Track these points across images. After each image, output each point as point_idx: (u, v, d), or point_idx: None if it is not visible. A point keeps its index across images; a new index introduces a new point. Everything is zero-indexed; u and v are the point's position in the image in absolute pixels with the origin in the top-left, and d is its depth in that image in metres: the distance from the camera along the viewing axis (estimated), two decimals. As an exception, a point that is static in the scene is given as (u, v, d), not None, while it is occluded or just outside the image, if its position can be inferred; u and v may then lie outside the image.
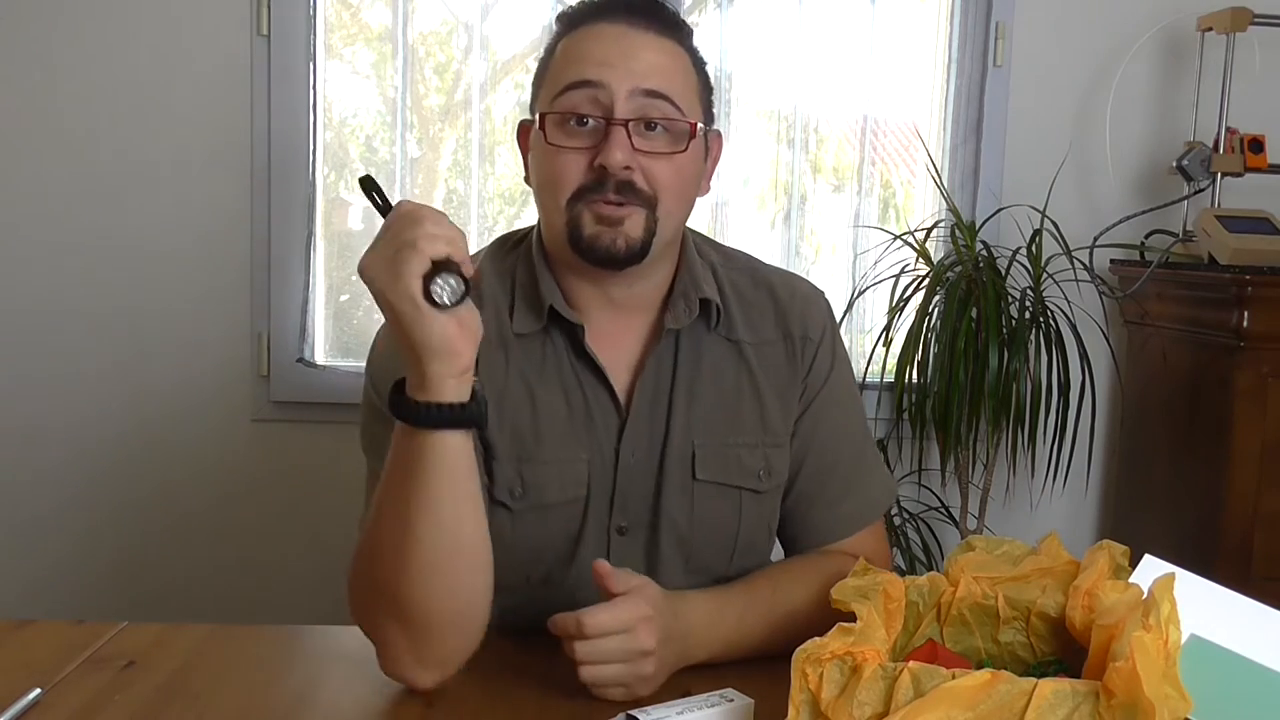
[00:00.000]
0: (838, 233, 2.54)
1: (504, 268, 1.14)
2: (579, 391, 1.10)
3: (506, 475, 1.08)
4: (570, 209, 1.04)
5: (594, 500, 1.10)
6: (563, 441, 1.09)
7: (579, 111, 1.03)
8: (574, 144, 1.04)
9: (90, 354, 2.38)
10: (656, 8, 1.08)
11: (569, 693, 0.95)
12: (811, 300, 1.19)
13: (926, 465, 2.42)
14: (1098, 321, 2.36)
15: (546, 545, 1.10)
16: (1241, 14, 2.23)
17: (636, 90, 1.03)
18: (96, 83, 2.33)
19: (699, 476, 1.11)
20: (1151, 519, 2.36)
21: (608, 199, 1.02)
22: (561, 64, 1.06)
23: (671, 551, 1.11)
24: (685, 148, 1.05)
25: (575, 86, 1.03)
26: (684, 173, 1.06)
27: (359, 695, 0.95)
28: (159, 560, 2.42)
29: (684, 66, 1.08)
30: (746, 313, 1.16)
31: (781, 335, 1.16)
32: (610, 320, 1.11)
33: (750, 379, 1.14)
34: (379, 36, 2.45)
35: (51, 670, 0.99)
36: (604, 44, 1.04)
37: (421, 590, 0.92)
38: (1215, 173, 2.29)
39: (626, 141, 1.02)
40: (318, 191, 2.41)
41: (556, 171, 1.04)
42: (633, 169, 1.02)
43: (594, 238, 1.03)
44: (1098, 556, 0.86)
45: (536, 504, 1.09)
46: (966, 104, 2.47)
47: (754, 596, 1.06)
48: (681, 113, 1.05)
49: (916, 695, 0.69)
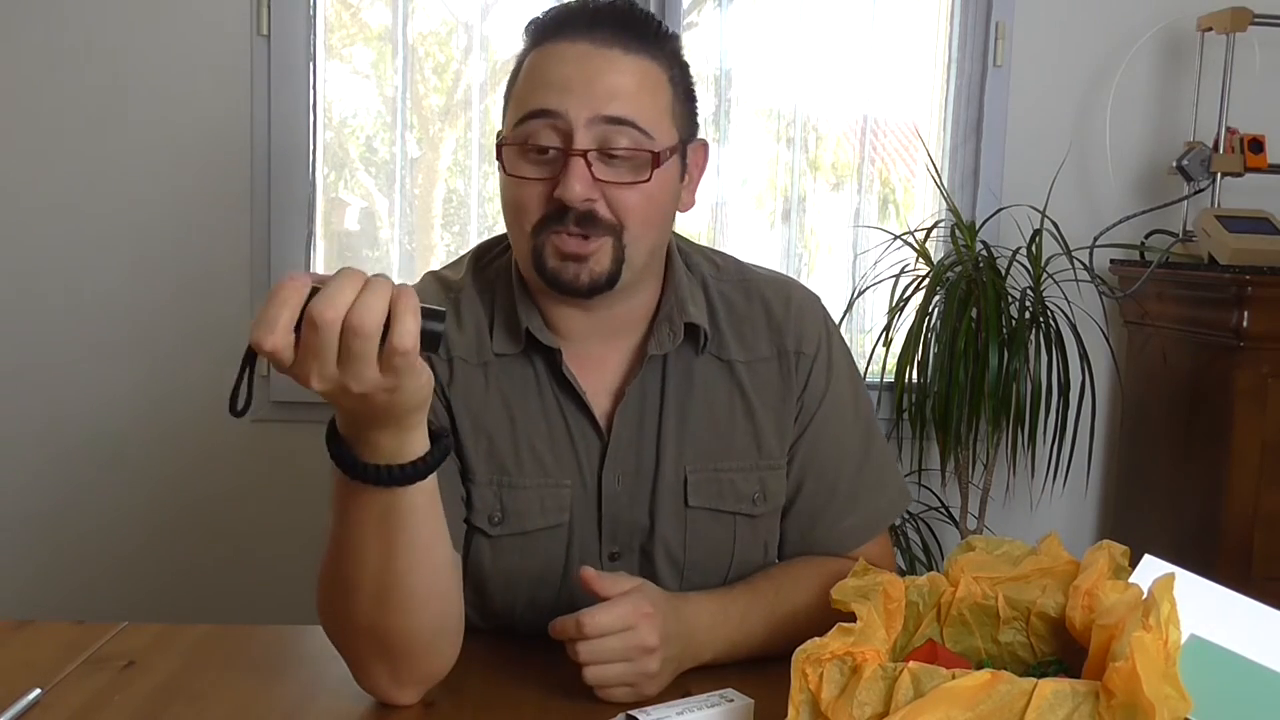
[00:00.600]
0: (837, 233, 2.54)
1: (484, 283, 1.11)
2: (559, 416, 1.07)
3: (486, 500, 1.06)
4: (534, 238, 1.01)
5: (579, 526, 1.08)
6: (543, 466, 1.06)
7: (537, 142, 0.99)
8: (534, 174, 1.00)
9: (90, 353, 2.38)
10: (626, 20, 1.02)
11: (569, 693, 0.95)
12: (806, 310, 1.15)
13: (926, 465, 2.42)
14: (1098, 322, 2.36)
15: (531, 572, 1.08)
16: (1241, 14, 2.23)
17: (596, 118, 0.98)
18: (96, 82, 2.33)
19: (691, 503, 1.09)
20: (1151, 519, 2.36)
21: (570, 231, 0.99)
22: (524, 87, 1.02)
23: (666, 576, 1.09)
24: (649, 177, 1.00)
25: (534, 115, 0.99)
26: (653, 199, 1.01)
27: (359, 695, 0.95)
28: (159, 560, 2.42)
29: (653, 84, 1.01)
30: (739, 329, 1.12)
31: (776, 352, 1.12)
32: (592, 343, 1.08)
33: (744, 400, 1.10)
34: (379, 36, 2.45)
35: (51, 670, 0.99)
36: (564, 66, 0.99)
37: (400, 621, 0.89)
38: (1215, 173, 2.29)
39: (586, 173, 0.97)
40: (318, 191, 2.41)
41: (518, 201, 1.01)
42: (594, 199, 0.98)
43: (556, 271, 1.00)
44: (1098, 556, 0.86)
45: (516, 530, 1.06)
46: (966, 104, 2.47)
47: (756, 597, 1.05)
48: (648, 136, 0.99)
49: (916, 695, 0.69)
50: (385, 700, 0.94)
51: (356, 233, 2.51)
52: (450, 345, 1.06)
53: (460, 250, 1.23)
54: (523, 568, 1.08)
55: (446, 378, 1.06)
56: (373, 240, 2.51)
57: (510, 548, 1.07)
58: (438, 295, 1.10)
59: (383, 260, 2.49)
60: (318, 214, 2.41)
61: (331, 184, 2.47)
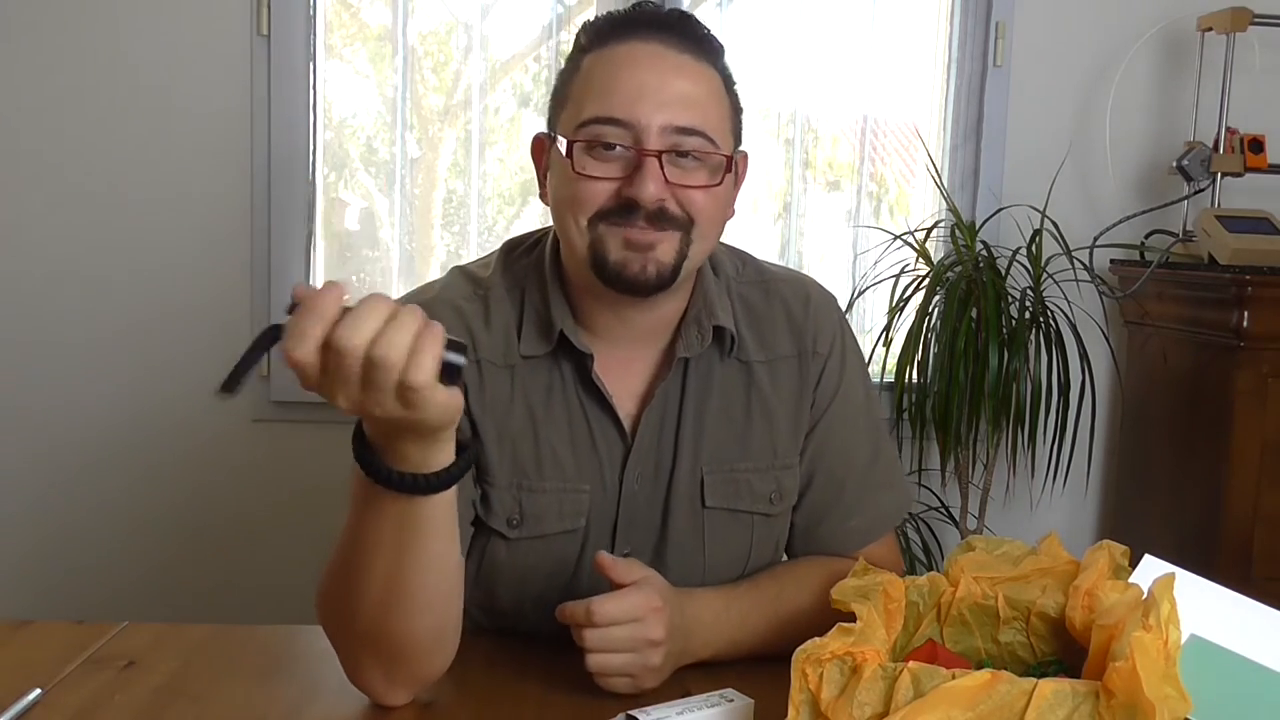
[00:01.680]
0: (837, 233, 2.54)
1: (513, 280, 1.09)
2: (583, 420, 1.07)
3: (505, 504, 1.06)
4: (593, 230, 0.99)
5: (594, 529, 1.08)
6: (563, 471, 1.06)
7: (606, 140, 0.98)
8: (600, 172, 0.98)
9: (90, 354, 2.38)
10: (690, 24, 1.02)
11: (569, 692, 0.95)
12: (823, 309, 1.15)
13: (926, 465, 2.42)
14: (1098, 322, 2.36)
15: (543, 572, 1.08)
16: (1241, 14, 2.23)
17: (669, 127, 0.97)
18: (96, 82, 2.33)
19: (709, 504, 1.09)
20: (1151, 519, 2.36)
21: (637, 224, 0.97)
22: (586, 89, 1.00)
23: (679, 575, 1.08)
24: (720, 181, 1.00)
25: (601, 122, 0.98)
26: (719, 202, 1.02)
27: (359, 695, 0.95)
28: (159, 560, 2.42)
29: (718, 92, 1.02)
30: (759, 329, 1.12)
31: (796, 351, 1.12)
32: (622, 346, 1.07)
33: (761, 401, 1.10)
34: (379, 36, 2.45)
35: (51, 670, 0.99)
36: (635, 73, 0.98)
37: (406, 624, 0.90)
38: (1215, 173, 2.29)
39: (660, 173, 0.97)
40: (318, 191, 2.41)
41: (581, 195, 0.99)
42: (665, 199, 0.98)
43: (621, 264, 0.98)
44: (1098, 556, 0.86)
45: (534, 534, 1.06)
46: (966, 104, 2.47)
47: (759, 595, 1.05)
48: (713, 143, 0.99)
49: (916, 695, 0.69)
50: (377, 700, 0.95)
51: (357, 233, 2.51)
52: (478, 347, 1.06)
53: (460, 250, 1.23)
54: (536, 567, 1.08)
55: (475, 383, 1.05)
56: (373, 240, 2.51)
57: (526, 550, 1.07)
58: (465, 290, 1.09)
59: (382, 260, 2.49)
60: (318, 214, 2.41)
61: (331, 184, 2.47)
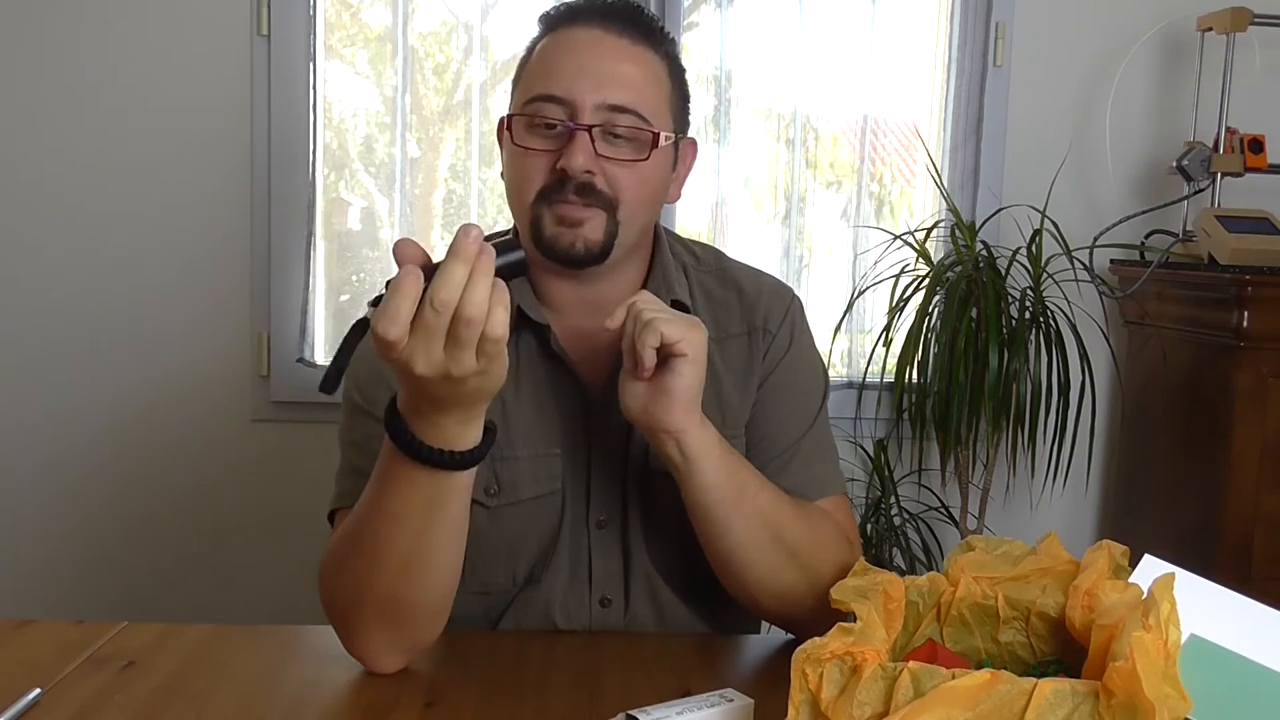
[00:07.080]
0: (837, 233, 2.54)
1: None
2: (549, 388, 1.13)
3: (481, 474, 1.08)
4: (534, 209, 1.06)
5: (570, 494, 1.13)
6: (535, 437, 1.12)
7: (545, 117, 1.06)
8: (538, 146, 1.06)
9: (90, 354, 2.38)
10: (634, 13, 1.10)
11: (569, 691, 0.95)
12: (776, 294, 1.21)
13: (926, 465, 2.42)
14: (1098, 322, 2.36)
15: (527, 541, 1.13)
16: (1241, 14, 2.23)
17: (602, 105, 1.05)
18: (96, 82, 2.33)
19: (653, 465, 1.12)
20: (1151, 519, 2.36)
21: (568, 199, 1.04)
22: (535, 70, 1.09)
23: (643, 540, 1.13)
24: (647, 156, 1.07)
25: (543, 99, 1.06)
26: (648, 180, 1.08)
27: (359, 695, 0.95)
28: (159, 560, 2.42)
29: (656, 76, 1.09)
30: (714, 311, 1.18)
31: (746, 329, 1.18)
32: (584, 317, 1.12)
33: (713, 374, 1.13)
34: (379, 37, 2.45)
35: (51, 670, 0.99)
36: (576, 54, 1.07)
37: (417, 592, 0.95)
38: (1215, 173, 2.29)
39: (589, 146, 1.04)
40: (318, 191, 2.41)
41: (521, 172, 1.07)
42: (594, 173, 1.05)
43: (553, 238, 1.06)
44: (1098, 556, 0.86)
45: (512, 500, 1.11)
46: (966, 104, 2.47)
47: (754, 475, 1.06)
48: (646, 122, 1.06)
49: (916, 695, 0.69)
50: (371, 667, 0.99)
51: (357, 232, 2.51)
52: None
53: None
54: (522, 535, 1.12)
55: None
56: (373, 240, 2.51)
57: (508, 517, 1.11)
58: None
59: (383, 260, 2.49)
60: (318, 214, 2.41)
61: (331, 184, 2.47)
